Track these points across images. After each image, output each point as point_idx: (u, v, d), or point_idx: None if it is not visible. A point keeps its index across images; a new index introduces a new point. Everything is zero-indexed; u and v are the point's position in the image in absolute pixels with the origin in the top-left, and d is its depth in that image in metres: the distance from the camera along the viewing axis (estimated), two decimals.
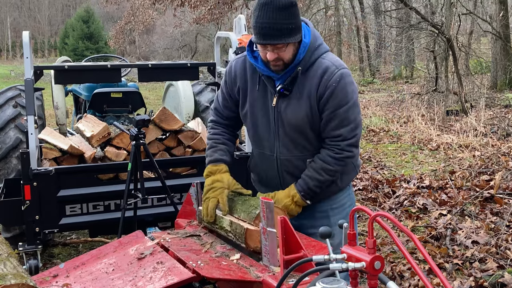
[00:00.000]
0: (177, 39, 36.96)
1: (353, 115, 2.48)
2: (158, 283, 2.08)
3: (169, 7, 20.01)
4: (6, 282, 1.69)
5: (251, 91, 2.61)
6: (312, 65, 2.48)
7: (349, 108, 2.46)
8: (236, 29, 4.74)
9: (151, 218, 4.03)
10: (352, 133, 2.50)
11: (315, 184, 2.53)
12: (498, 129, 8.98)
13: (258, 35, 2.35)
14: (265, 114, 2.58)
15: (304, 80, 2.48)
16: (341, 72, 2.45)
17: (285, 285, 1.86)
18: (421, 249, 1.48)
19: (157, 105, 13.11)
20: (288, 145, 2.58)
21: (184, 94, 5.55)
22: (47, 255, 4.68)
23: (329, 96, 2.44)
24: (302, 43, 2.44)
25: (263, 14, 2.31)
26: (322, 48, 2.52)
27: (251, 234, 2.28)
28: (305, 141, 2.57)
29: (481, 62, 16.83)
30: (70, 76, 4.40)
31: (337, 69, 2.46)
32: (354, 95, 2.49)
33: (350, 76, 2.50)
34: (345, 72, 2.47)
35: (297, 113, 2.50)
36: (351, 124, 2.49)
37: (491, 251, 4.21)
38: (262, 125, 2.61)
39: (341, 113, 2.46)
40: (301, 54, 2.45)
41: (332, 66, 2.46)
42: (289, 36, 2.34)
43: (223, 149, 2.70)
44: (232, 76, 2.67)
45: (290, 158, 2.60)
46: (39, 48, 48.04)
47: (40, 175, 3.70)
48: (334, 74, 2.44)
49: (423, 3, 16.73)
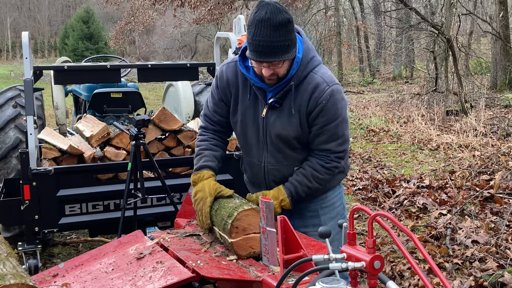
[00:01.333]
0: (177, 39, 36.97)
1: (341, 130, 2.53)
2: (158, 282, 2.08)
3: (169, 7, 20.01)
4: (6, 282, 1.69)
5: (242, 99, 2.60)
6: (304, 79, 2.48)
7: (338, 124, 2.50)
8: (235, 29, 4.74)
9: (151, 217, 4.03)
10: (340, 147, 2.55)
11: (303, 189, 2.57)
12: (498, 129, 8.98)
13: (255, 53, 2.32)
14: (255, 124, 2.59)
15: (295, 94, 2.48)
16: (331, 89, 2.46)
17: (284, 284, 1.86)
18: (421, 249, 1.48)
19: (157, 105, 13.11)
20: (275, 155, 2.61)
21: (184, 94, 5.55)
22: (46, 255, 4.68)
23: (318, 112, 2.46)
24: (295, 58, 2.43)
25: (259, 31, 2.27)
26: (315, 62, 2.52)
27: (237, 245, 2.28)
28: (292, 151, 2.60)
29: (481, 62, 16.83)
30: (70, 76, 4.40)
31: (328, 86, 2.46)
32: (343, 111, 2.52)
33: (341, 93, 2.51)
34: (336, 88, 2.47)
35: (286, 126, 2.52)
36: (339, 139, 2.53)
37: (491, 251, 4.21)
38: (251, 134, 2.63)
39: (330, 129, 2.49)
40: (294, 69, 2.44)
41: (323, 83, 2.46)
42: (285, 53, 2.33)
43: (208, 155, 2.67)
44: (224, 81, 2.64)
45: (277, 167, 2.63)
46: (39, 48, 48.05)
47: (39, 175, 3.70)
48: (325, 92, 2.45)
49: (423, 3, 16.73)
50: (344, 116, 2.53)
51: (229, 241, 2.28)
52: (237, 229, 2.27)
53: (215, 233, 2.45)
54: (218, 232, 2.40)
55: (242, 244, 2.28)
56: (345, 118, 2.54)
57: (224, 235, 2.33)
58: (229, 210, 2.33)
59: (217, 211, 2.42)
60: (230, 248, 2.31)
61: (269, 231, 2.16)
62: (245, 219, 2.29)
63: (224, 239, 2.34)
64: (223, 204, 2.43)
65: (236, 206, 2.34)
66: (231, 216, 2.28)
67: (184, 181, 4.03)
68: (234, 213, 2.28)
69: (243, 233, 2.28)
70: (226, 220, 2.30)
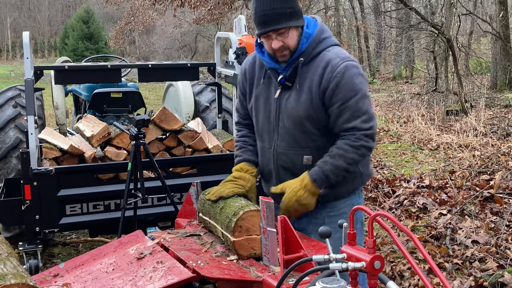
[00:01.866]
0: (177, 39, 36.94)
1: (364, 106, 2.36)
2: (158, 282, 2.08)
3: (169, 7, 20.00)
4: (6, 282, 1.69)
5: (256, 85, 2.60)
6: (315, 57, 2.42)
7: (359, 100, 2.35)
8: (236, 29, 4.74)
9: (151, 217, 4.03)
10: (366, 124, 2.36)
11: (329, 168, 2.38)
12: (498, 129, 8.98)
13: (260, 25, 2.35)
14: (267, 106, 2.55)
15: (306, 72, 2.42)
16: (346, 64, 2.36)
17: (285, 284, 1.86)
18: (421, 249, 1.48)
19: (157, 105, 13.11)
20: (286, 138, 2.51)
21: (184, 94, 5.55)
22: (47, 255, 4.68)
23: (334, 89, 2.35)
24: (304, 33, 2.41)
25: (261, 3, 2.33)
26: (329, 42, 2.45)
27: (239, 244, 2.28)
28: (304, 135, 2.48)
29: (481, 62, 16.83)
30: (70, 76, 4.41)
31: (342, 60, 2.37)
32: (363, 86, 2.37)
33: (358, 68, 2.39)
34: (351, 63, 2.37)
35: (297, 105, 2.43)
36: (364, 115, 2.36)
37: (491, 251, 4.21)
38: (264, 118, 2.58)
39: (351, 105, 2.34)
40: (303, 44, 2.40)
41: (336, 59, 2.38)
42: (289, 20, 2.33)
43: (253, 151, 2.69)
44: (242, 73, 2.68)
45: (286, 152, 2.52)
46: (39, 48, 48.03)
47: (40, 175, 3.70)
48: (338, 66, 2.36)
49: (423, 3, 16.73)
50: (365, 92, 2.37)
51: (232, 239, 2.27)
52: (241, 228, 2.27)
53: (217, 232, 2.45)
54: (221, 230, 2.39)
55: (244, 244, 2.28)
56: (366, 94, 2.37)
57: (226, 234, 2.33)
58: (235, 209, 2.33)
59: (222, 209, 2.42)
60: (232, 247, 2.31)
61: (270, 231, 2.16)
62: (250, 219, 2.29)
63: (226, 238, 2.34)
64: (229, 203, 2.43)
65: (242, 205, 2.35)
66: (237, 215, 2.28)
67: (184, 181, 4.03)
68: (240, 212, 2.28)
69: (246, 233, 2.28)
70: (231, 218, 2.30)
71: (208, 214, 2.53)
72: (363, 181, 2.64)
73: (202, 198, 2.61)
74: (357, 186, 2.62)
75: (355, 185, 2.60)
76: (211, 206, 2.50)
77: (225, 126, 4.92)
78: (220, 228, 2.41)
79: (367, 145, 2.39)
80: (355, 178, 2.56)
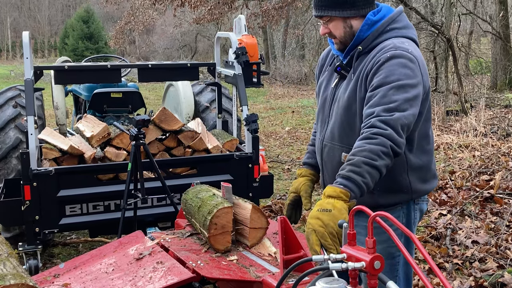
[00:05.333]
0: (177, 39, 36.93)
1: (395, 96, 2.00)
2: (158, 283, 2.08)
3: (169, 7, 20.00)
4: (6, 282, 1.69)
5: (323, 72, 2.48)
6: (375, 47, 2.20)
7: (393, 88, 2.02)
8: (236, 29, 4.74)
9: (151, 218, 4.03)
10: (388, 113, 1.98)
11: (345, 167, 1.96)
12: (498, 129, 8.97)
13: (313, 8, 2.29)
14: (324, 95, 2.38)
15: (362, 61, 2.21)
16: (396, 51, 2.10)
17: (284, 285, 1.86)
18: (421, 249, 1.48)
19: (157, 105, 13.11)
20: (332, 130, 2.28)
21: (184, 94, 5.55)
22: (47, 255, 4.68)
23: (375, 72, 2.10)
24: (367, 20, 2.21)
25: None
26: (397, 32, 2.20)
27: (215, 239, 2.32)
28: (346, 129, 2.22)
29: (481, 62, 16.82)
30: (70, 76, 4.41)
31: (394, 48, 2.11)
32: (407, 79, 2.03)
33: (409, 59, 2.08)
34: (402, 53, 2.09)
35: (344, 95, 2.23)
36: (391, 104, 1.99)
37: (491, 251, 4.21)
38: (320, 106, 2.42)
39: (382, 91, 2.03)
40: (364, 32, 2.21)
41: (389, 45, 2.14)
42: (332, 9, 2.21)
43: (310, 151, 2.53)
44: (318, 61, 2.57)
45: (329, 145, 2.30)
46: (39, 48, 48.03)
47: (40, 175, 3.70)
48: (389, 51, 2.11)
49: (423, 3, 16.71)
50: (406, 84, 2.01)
51: (207, 235, 2.33)
52: (216, 225, 2.31)
53: (198, 229, 2.51)
54: (199, 228, 2.45)
55: (220, 238, 2.33)
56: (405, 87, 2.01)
57: (203, 231, 2.38)
58: (210, 207, 2.37)
59: (199, 208, 2.46)
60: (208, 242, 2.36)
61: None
62: (225, 216, 2.33)
63: (203, 234, 2.40)
64: (206, 201, 2.47)
65: (217, 203, 2.37)
66: (211, 213, 2.32)
67: (184, 182, 4.03)
68: (214, 210, 2.32)
69: (222, 230, 2.33)
70: (206, 217, 2.34)
71: (190, 213, 2.57)
72: (412, 197, 2.26)
73: (184, 197, 2.67)
74: (402, 200, 2.25)
75: (400, 199, 2.24)
76: (190, 206, 2.55)
77: (225, 126, 4.92)
78: (199, 225, 2.45)
79: (384, 132, 1.94)
80: (401, 192, 2.24)
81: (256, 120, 4.16)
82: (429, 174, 2.29)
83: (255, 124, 4.14)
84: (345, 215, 1.84)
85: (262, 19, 18.69)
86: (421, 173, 2.26)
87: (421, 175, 2.26)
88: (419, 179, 2.25)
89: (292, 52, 25.17)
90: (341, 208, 1.86)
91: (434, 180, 2.34)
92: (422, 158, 2.26)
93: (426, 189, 2.31)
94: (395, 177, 2.21)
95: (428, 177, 2.29)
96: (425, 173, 2.28)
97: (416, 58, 2.11)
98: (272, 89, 19.72)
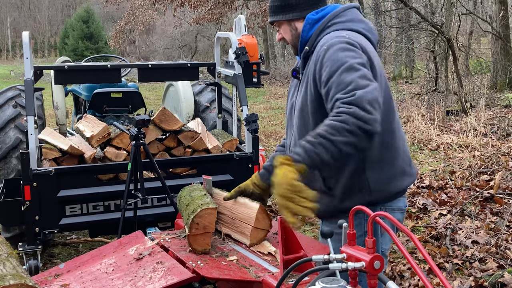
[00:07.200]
0: (177, 39, 36.95)
1: (348, 77, 1.94)
2: (158, 283, 2.08)
3: (169, 7, 20.02)
4: (6, 282, 1.69)
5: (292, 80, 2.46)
6: (318, 44, 2.17)
7: (343, 72, 1.96)
8: (236, 29, 4.74)
9: (151, 218, 4.03)
10: (348, 94, 1.91)
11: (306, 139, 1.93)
12: (498, 129, 8.97)
13: None
14: (291, 101, 2.37)
15: (310, 61, 2.19)
16: (332, 41, 2.07)
17: (284, 285, 1.86)
18: (421, 249, 1.48)
19: (157, 105, 13.11)
20: (295, 135, 2.29)
21: (184, 94, 5.56)
22: (47, 255, 4.68)
23: (320, 68, 2.07)
24: (307, 19, 2.21)
25: None
26: (337, 26, 2.16)
27: (194, 239, 2.29)
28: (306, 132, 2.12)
29: (481, 62, 16.81)
30: (70, 76, 4.41)
31: (330, 38, 2.09)
32: (349, 59, 1.99)
33: (344, 43, 2.04)
34: (339, 40, 2.06)
35: (301, 96, 2.22)
36: (348, 86, 1.92)
37: (491, 251, 4.21)
38: (288, 113, 2.42)
39: (335, 80, 1.97)
40: (306, 32, 2.21)
41: (327, 37, 2.13)
42: (277, 14, 2.29)
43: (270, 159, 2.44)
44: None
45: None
46: (39, 48, 48.06)
47: (40, 176, 3.70)
48: (325, 44, 2.09)
49: (423, 3, 16.71)
50: (352, 64, 1.97)
51: (187, 233, 2.31)
52: (198, 225, 2.29)
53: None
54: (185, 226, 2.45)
55: (199, 239, 2.30)
56: (352, 65, 1.96)
57: (186, 229, 2.38)
58: (195, 206, 2.36)
59: (187, 206, 2.45)
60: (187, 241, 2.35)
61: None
62: (207, 217, 2.31)
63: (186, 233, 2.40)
64: (195, 200, 2.46)
65: (203, 203, 2.36)
66: (195, 212, 2.31)
67: (184, 182, 4.03)
68: (198, 209, 2.31)
69: (203, 230, 2.30)
70: (190, 215, 2.34)
71: (181, 210, 2.58)
72: (372, 199, 2.11)
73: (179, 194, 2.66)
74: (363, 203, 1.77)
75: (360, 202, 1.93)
76: (182, 203, 2.55)
77: (225, 126, 4.92)
78: (185, 224, 2.45)
79: (349, 111, 1.86)
80: (360, 192, 2.12)
81: (256, 120, 4.15)
82: (391, 171, 2.15)
83: (255, 124, 4.14)
84: (291, 175, 1.83)
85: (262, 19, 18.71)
86: (381, 170, 2.13)
87: (381, 173, 2.13)
88: (379, 177, 2.13)
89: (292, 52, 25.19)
90: (285, 172, 1.85)
91: (402, 178, 2.18)
92: (383, 153, 2.13)
93: (389, 190, 2.16)
94: (352, 174, 2.12)
95: (391, 175, 2.15)
96: (387, 170, 2.14)
97: (357, 43, 2.06)
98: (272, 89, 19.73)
